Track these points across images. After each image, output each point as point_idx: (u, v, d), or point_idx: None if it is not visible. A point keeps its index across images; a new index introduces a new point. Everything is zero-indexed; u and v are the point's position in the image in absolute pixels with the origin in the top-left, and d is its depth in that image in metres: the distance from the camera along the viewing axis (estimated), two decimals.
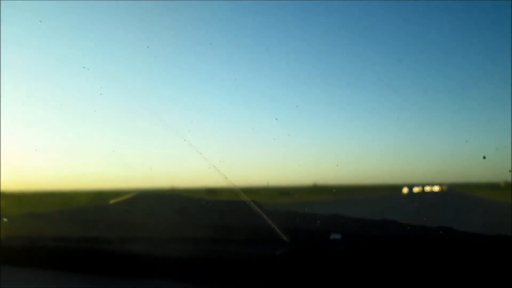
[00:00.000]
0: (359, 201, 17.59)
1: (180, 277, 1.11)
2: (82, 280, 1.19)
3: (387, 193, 28.60)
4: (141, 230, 1.38)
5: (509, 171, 1.82)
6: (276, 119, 2.74)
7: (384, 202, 17.44)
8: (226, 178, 1.36)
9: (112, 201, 1.81)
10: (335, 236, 1.08)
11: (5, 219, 1.63)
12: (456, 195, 22.83)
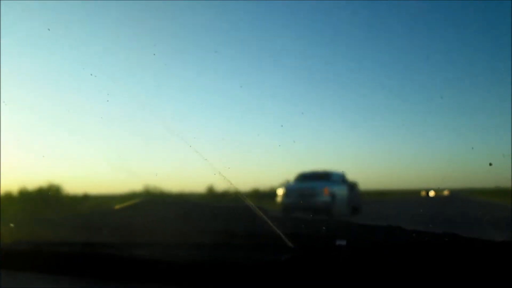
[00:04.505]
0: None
1: (184, 282, 1.11)
2: (86, 284, 1.19)
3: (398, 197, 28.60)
4: (146, 235, 1.39)
5: None
6: (282, 125, 2.73)
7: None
8: (231, 184, 1.37)
9: (117, 206, 1.82)
10: (341, 242, 1.08)
11: (12, 224, 1.65)
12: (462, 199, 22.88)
